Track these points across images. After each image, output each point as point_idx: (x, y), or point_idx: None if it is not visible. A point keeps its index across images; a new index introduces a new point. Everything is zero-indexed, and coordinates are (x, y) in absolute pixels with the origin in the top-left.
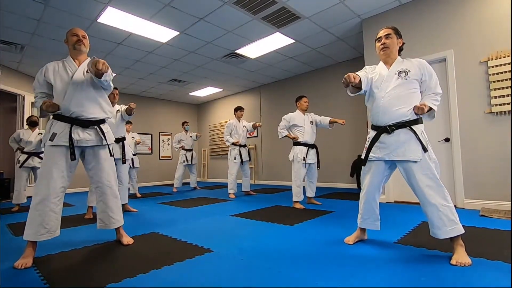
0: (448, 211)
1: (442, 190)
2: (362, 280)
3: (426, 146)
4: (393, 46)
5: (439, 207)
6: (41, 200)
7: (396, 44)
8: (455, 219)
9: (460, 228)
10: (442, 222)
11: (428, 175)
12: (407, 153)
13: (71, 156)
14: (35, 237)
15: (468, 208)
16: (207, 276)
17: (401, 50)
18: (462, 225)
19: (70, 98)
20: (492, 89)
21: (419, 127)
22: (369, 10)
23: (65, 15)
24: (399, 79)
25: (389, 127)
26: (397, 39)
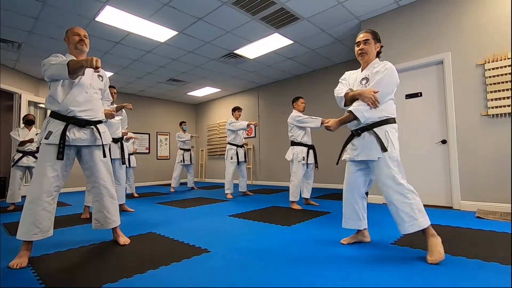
0: (407, 207)
1: (400, 187)
2: (359, 280)
3: (386, 146)
4: (370, 51)
5: (396, 204)
6: (33, 199)
7: (373, 49)
8: (415, 215)
9: (420, 223)
10: (400, 219)
11: (386, 174)
12: (370, 153)
13: (58, 155)
14: (28, 236)
15: (464, 209)
16: (204, 276)
17: (379, 53)
18: (458, 226)
19: (72, 98)
20: (488, 92)
21: (383, 128)
22: (367, 12)
23: (63, 13)
24: (360, 86)
25: (356, 130)
26: (375, 44)
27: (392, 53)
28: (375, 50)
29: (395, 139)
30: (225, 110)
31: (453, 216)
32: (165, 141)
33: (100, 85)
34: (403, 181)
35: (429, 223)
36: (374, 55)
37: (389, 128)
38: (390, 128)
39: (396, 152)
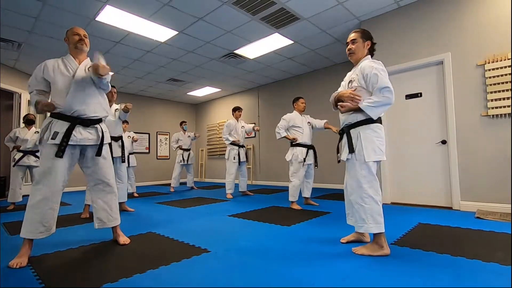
0: (361, 211)
1: (360, 191)
2: (358, 280)
3: (354, 148)
4: (358, 51)
5: (353, 204)
6: (42, 199)
7: (362, 47)
8: (367, 220)
9: (368, 228)
10: (355, 218)
11: (352, 175)
12: (343, 154)
13: (58, 153)
14: (34, 235)
15: (464, 210)
16: (203, 276)
17: (372, 51)
18: (458, 227)
19: (73, 97)
20: (488, 92)
21: (357, 129)
22: (367, 12)
23: (63, 13)
24: (346, 87)
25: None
26: (364, 42)
27: (392, 53)
28: (364, 48)
29: (369, 140)
30: (225, 110)
31: (452, 216)
32: (165, 141)
33: None
34: (366, 185)
35: (380, 231)
36: (363, 53)
37: (364, 129)
38: (365, 129)
39: (367, 155)
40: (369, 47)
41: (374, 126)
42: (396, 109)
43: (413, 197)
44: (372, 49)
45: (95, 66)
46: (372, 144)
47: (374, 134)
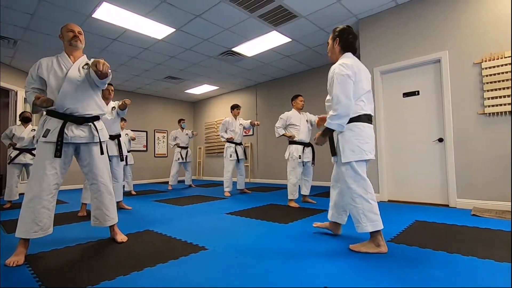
0: (354, 211)
1: (349, 191)
2: (355, 278)
3: (335, 150)
4: (331, 52)
5: (347, 205)
6: (33, 197)
7: (332, 48)
8: (360, 219)
9: (363, 228)
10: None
11: (340, 176)
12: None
13: (56, 153)
14: (28, 234)
15: (460, 207)
16: (201, 274)
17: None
18: (454, 224)
19: (65, 94)
20: (485, 91)
21: (336, 132)
22: (365, 10)
23: (59, 9)
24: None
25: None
26: (333, 42)
27: (389, 51)
28: (335, 47)
29: (347, 141)
30: (223, 108)
31: (449, 214)
32: (163, 139)
33: None
34: (353, 185)
35: (375, 229)
36: (336, 53)
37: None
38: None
39: (344, 156)
40: (340, 43)
41: (352, 125)
42: (394, 107)
43: (410, 195)
44: (345, 44)
45: (95, 61)
46: (350, 144)
47: (351, 134)
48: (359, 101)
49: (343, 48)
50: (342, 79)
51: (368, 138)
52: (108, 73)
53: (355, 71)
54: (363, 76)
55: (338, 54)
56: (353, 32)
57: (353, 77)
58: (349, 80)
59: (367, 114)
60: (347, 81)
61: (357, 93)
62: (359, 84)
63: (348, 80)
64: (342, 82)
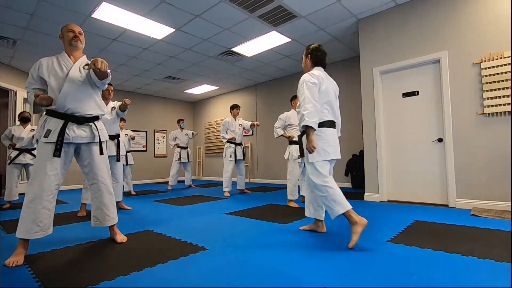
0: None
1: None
2: (355, 278)
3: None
4: (304, 65)
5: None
6: (34, 197)
7: (305, 63)
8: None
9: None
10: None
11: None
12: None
13: (55, 153)
14: (28, 234)
15: (460, 207)
16: (201, 274)
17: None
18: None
19: (66, 95)
20: (484, 91)
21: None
22: (365, 10)
23: (59, 9)
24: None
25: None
26: (306, 58)
27: (389, 51)
28: (307, 62)
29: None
30: (222, 108)
31: (448, 213)
32: (162, 139)
33: None
34: (317, 180)
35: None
36: (309, 67)
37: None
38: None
39: (311, 156)
40: (311, 59)
41: (317, 130)
42: (393, 107)
43: (410, 195)
44: (315, 59)
45: (94, 60)
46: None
47: (317, 138)
48: (323, 108)
49: (314, 63)
50: (309, 86)
51: (332, 141)
52: (108, 73)
53: (320, 81)
54: (329, 87)
55: (310, 68)
56: (322, 50)
57: (318, 85)
58: (315, 87)
59: (330, 120)
60: (313, 87)
61: (321, 100)
62: (324, 93)
63: (315, 87)
64: (310, 87)
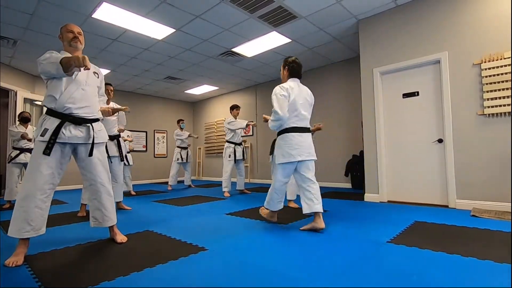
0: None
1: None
2: (355, 279)
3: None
4: (282, 76)
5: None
6: (26, 195)
7: (282, 74)
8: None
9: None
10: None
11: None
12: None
13: (45, 150)
14: (19, 234)
15: (460, 208)
16: (201, 274)
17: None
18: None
19: (68, 95)
20: (484, 91)
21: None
22: (365, 10)
23: (59, 9)
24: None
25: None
26: (283, 69)
27: (389, 52)
28: (284, 73)
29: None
30: (222, 108)
31: (448, 214)
32: (162, 139)
33: (97, 82)
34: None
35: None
36: (285, 78)
37: (278, 139)
38: (278, 139)
39: (278, 159)
40: (288, 71)
41: (283, 135)
42: (394, 108)
43: (410, 196)
44: (291, 71)
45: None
46: (281, 150)
47: (282, 142)
48: (293, 116)
49: (290, 74)
50: (279, 97)
51: (297, 145)
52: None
53: (290, 92)
54: (300, 98)
55: (286, 79)
56: (298, 63)
57: (287, 97)
58: (284, 99)
59: (298, 127)
60: (282, 99)
61: (290, 109)
62: (291, 104)
63: (284, 99)
64: (279, 99)
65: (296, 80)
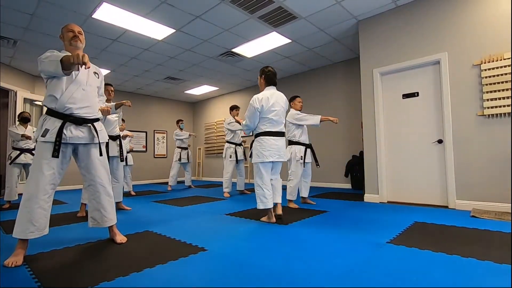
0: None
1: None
2: (355, 279)
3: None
4: (259, 84)
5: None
6: (30, 196)
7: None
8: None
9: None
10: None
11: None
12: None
13: (54, 153)
14: (24, 234)
15: (460, 209)
16: (201, 274)
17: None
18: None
19: (69, 95)
20: (484, 92)
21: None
22: (365, 11)
23: (59, 10)
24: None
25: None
26: (260, 78)
27: (389, 52)
28: (261, 81)
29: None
30: (222, 109)
31: (448, 215)
32: (162, 139)
33: (97, 83)
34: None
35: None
36: (263, 86)
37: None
38: (254, 142)
39: (254, 159)
40: (264, 79)
41: (259, 138)
42: (393, 109)
43: (409, 196)
44: (267, 79)
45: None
46: (256, 151)
47: (257, 144)
48: (267, 122)
49: (266, 82)
50: (251, 109)
51: (270, 147)
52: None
53: (263, 104)
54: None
55: (263, 86)
56: (273, 71)
57: (259, 109)
58: (255, 111)
59: (271, 131)
60: (254, 111)
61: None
62: (266, 112)
63: (255, 111)
64: (250, 110)
65: (272, 88)
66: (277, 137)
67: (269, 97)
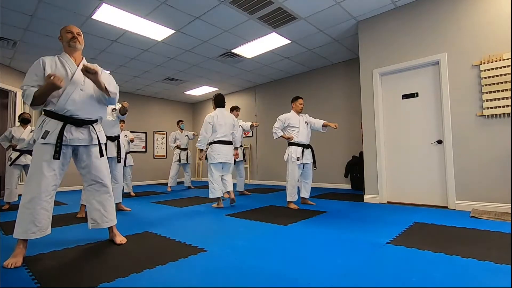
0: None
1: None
2: (355, 280)
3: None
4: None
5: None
6: (32, 198)
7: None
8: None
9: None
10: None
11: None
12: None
13: (55, 155)
14: (26, 235)
15: (459, 209)
16: (200, 275)
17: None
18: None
19: (67, 97)
20: (484, 92)
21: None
22: (364, 12)
23: (59, 11)
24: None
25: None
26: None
27: (388, 53)
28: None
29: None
30: None
31: (448, 215)
32: (162, 140)
33: None
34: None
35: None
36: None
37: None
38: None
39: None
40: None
41: (212, 146)
42: (393, 109)
43: (409, 197)
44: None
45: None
46: (209, 155)
47: (210, 150)
48: (219, 133)
49: (216, 105)
50: (205, 123)
51: (219, 151)
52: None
53: (215, 119)
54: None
55: (215, 107)
56: (220, 98)
57: (211, 123)
58: (209, 124)
59: (222, 140)
60: (207, 125)
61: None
62: (218, 126)
63: (208, 125)
64: (205, 125)
65: (221, 109)
66: (225, 145)
67: (218, 114)
